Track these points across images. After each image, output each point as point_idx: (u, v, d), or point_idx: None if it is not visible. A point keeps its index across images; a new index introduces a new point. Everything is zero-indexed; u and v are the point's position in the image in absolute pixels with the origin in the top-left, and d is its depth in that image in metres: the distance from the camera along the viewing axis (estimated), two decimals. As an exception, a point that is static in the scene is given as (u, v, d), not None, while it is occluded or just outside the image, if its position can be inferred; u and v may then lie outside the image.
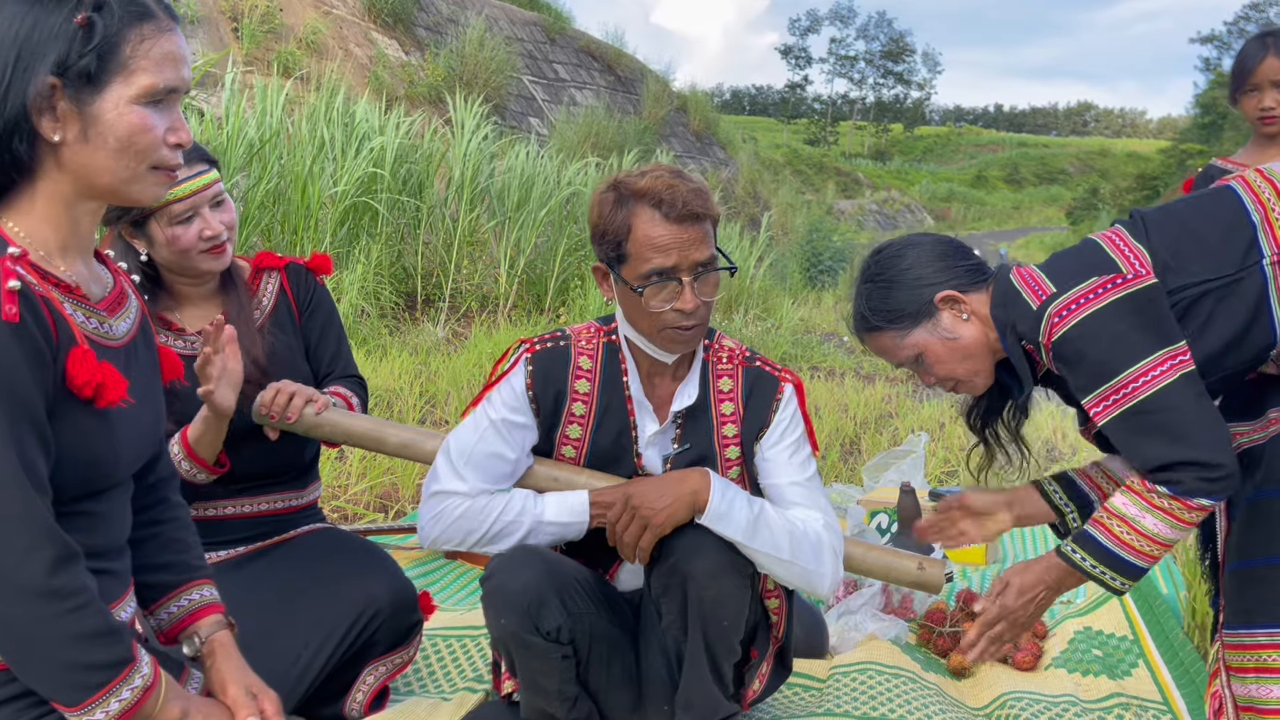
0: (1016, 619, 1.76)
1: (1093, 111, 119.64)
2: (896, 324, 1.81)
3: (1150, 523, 1.61)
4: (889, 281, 1.82)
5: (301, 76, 9.56)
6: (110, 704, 1.23)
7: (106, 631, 1.24)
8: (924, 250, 1.83)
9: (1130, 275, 1.64)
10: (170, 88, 1.26)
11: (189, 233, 1.94)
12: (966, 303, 1.78)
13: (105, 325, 1.35)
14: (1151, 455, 1.60)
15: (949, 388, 1.87)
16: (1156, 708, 2.29)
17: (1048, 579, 1.73)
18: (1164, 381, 1.57)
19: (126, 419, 1.34)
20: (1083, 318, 1.62)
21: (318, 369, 2.19)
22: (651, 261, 1.74)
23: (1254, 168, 1.74)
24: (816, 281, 14.49)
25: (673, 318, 1.76)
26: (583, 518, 1.84)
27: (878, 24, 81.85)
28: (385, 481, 3.99)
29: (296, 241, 6.43)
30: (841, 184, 42.05)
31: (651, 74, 18.79)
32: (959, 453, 5.14)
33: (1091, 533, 1.68)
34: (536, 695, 1.83)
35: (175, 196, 1.91)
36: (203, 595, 1.51)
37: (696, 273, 1.75)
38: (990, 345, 1.80)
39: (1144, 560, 1.64)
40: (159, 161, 1.28)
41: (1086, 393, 1.64)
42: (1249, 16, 50.23)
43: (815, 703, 2.25)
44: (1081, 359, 1.63)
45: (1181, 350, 1.60)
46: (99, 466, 1.31)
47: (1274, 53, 2.69)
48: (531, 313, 7.87)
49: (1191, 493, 1.57)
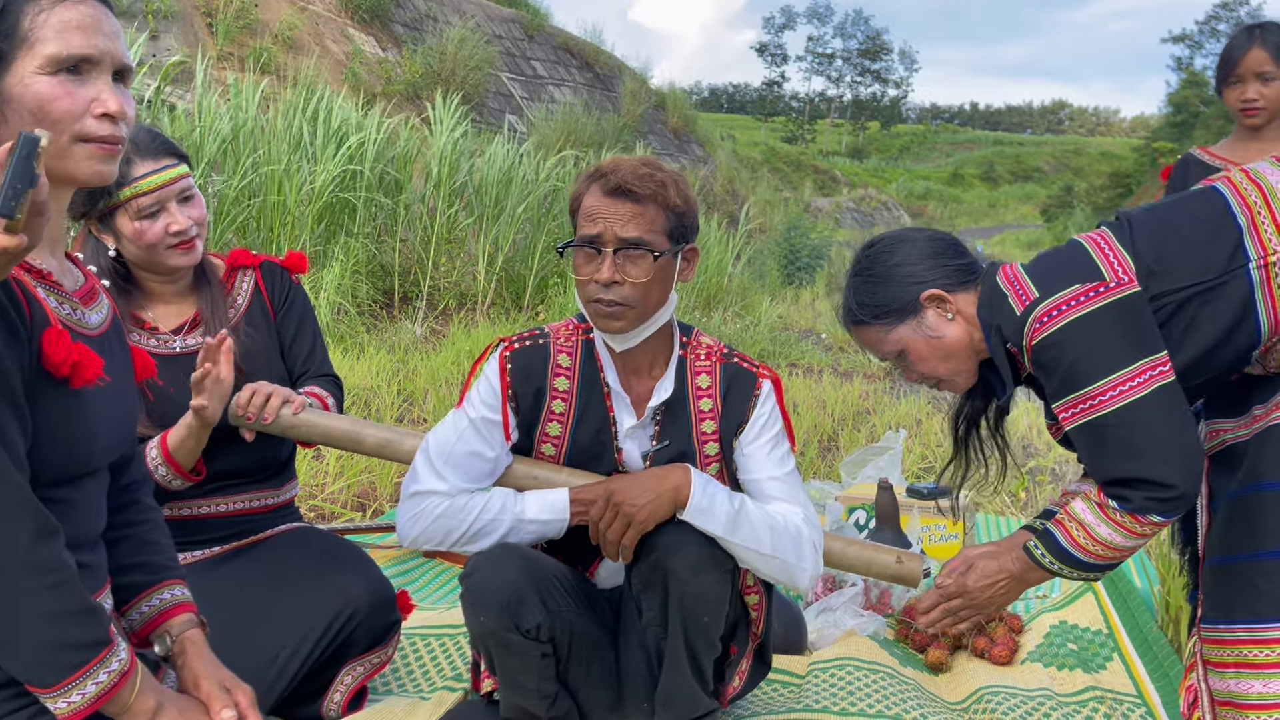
0: (974, 600, 1.78)
1: (1067, 110, 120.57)
2: (882, 319, 1.82)
3: (1105, 532, 1.66)
4: (877, 277, 1.83)
5: (277, 73, 9.49)
6: (87, 686, 1.22)
7: (86, 610, 1.23)
8: (915, 247, 1.84)
9: (1114, 283, 1.65)
10: (82, 56, 1.24)
11: (155, 227, 1.92)
12: (952, 302, 1.79)
13: (78, 313, 1.34)
14: (1107, 468, 1.63)
15: (931, 385, 1.88)
16: (1131, 701, 2.31)
17: (1011, 569, 1.76)
18: (1135, 395, 1.59)
19: (102, 405, 1.33)
20: (1063, 324, 1.63)
21: (293, 368, 2.17)
22: (582, 228, 1.81)
23: (1240, 169, 1.75)
24: (794, 279, 14.53)
25: (593, 289, 1.79)
26: (563, 515, 1.83)
27: (854, 22, 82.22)
28: (363, 480, 3.97)
29: (273, 239, 6.38)
30: (819, 182, 42.17)
31: (630, 71, 18.78)
32: (936, 449, 5.17)
33: (1053, 532, 1.72)
34: (516, 693, 1.82)
35: (140, 190, 1.89)
36: (174, 595, 1.50)
37: (618, 245, 1.77)
38: (974, 345, 1.81)
39: (1100, 561, 1.68)
40: (83, 133, 1.25)
41: (1058, 398, 1.66)
42: (1220, 16, 50.79)
43: (794, 699, 2.25)
44: (1058, 365, 1.64)
45: (1161, 361, 1.61)
46: (75, 450, 1.30)
47: (1259, 44, 2.71)
48: (510, 310, 7.84)
49: (1141, 510, 1.60)
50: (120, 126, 1.29)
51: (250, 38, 10.75)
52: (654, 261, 1.78)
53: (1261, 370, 1.75)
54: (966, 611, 1.80)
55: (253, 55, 10.25)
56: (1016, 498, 4.40)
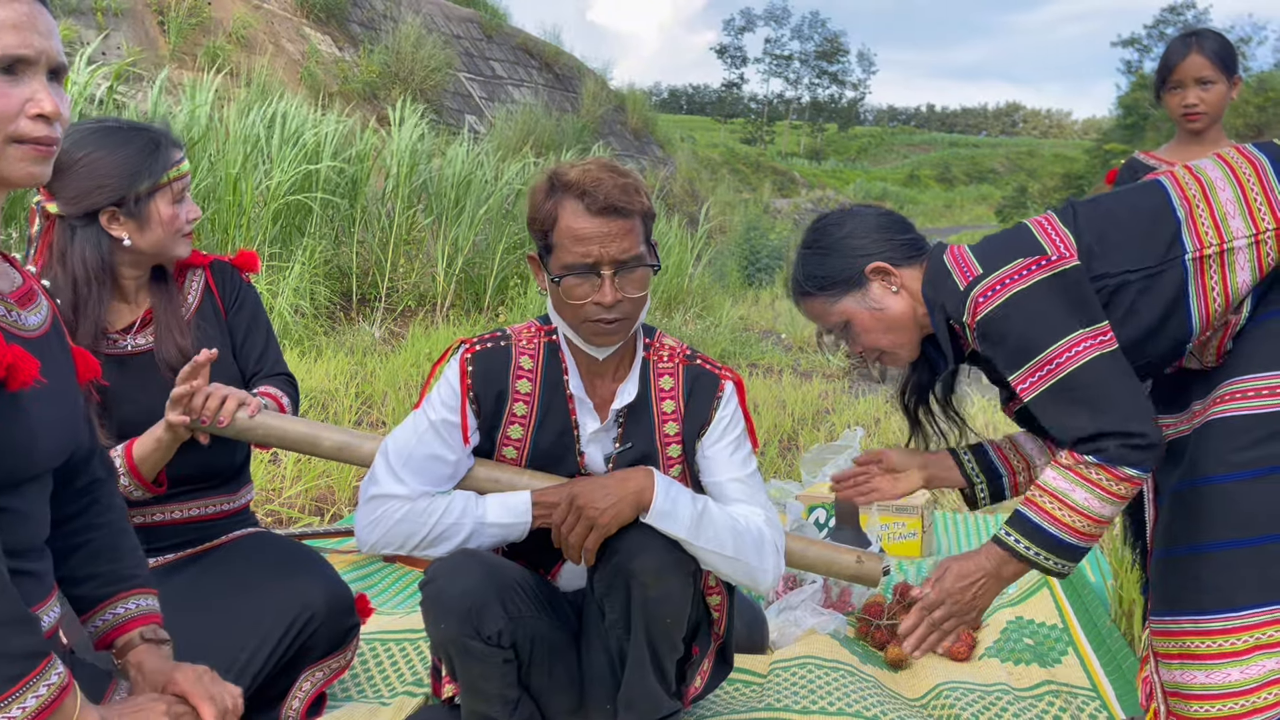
0: (957, 603, 1.76)
1: (1021, 112, 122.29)
2: (827, 290, 1.86)
3: (1081, 496, 1.64)
4: (825, 249, 1.87)
5: (231, 72, 9.35)
6: (27, 699, 1.16)
7: (23, 619, 1.19)
8: (862, 221, 1.88)
9: (1055, 256, 1.69)
10: (16, 56, 1.21)
11: (182, 212, 1.97)
12: (897, 276, 1.83)
13: (14, 314, 1.31)
14: (1075, 427, 1.64)
15: (874, 358, 1.91)
16: (1085, 694, 2.35)
17: (987, 565, 1.75)
18: (1087, 357, 1.62)
19: (42, 409, 1.30)
20: (1007, 298, 1.66)
21: (245, 367, 2.14)
22: (572, 253, 1.74)
23: (1183, 164, 1.79)
24: (754, 280, 14.61)
25: (593, 310, 1.76)
26: (525, 519, 1.83)
27: (811, 24, 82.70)
28: (321, 484, 3.92)
29: (228, 241, 6.29)
30: (778, 183, 42.38)
31: (589, 72, 18.77)
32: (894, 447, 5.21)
33: (1024, 512, 1.70)
34: (477, 699, 1.81)
35: (182, 172, 1.96)
36: (127, 609, 1.47)
37: (617, 267, 1.75)
38: (917, 319, 1.84)
39: (1076, 538, 1.66)
40: (17, 134, 1.22)
41: (1012, 370, 1.69)
42: (1167, 20, 51.83)
43: (756, 698, 2.26)
44: (1005, 338, 1.68)
45: (1103, 330, 1.65)
46: (13, 456, 1.26)
47: (1197, 51, 2.78)
48: (470, 312, 7.80)
49: (1116, 460, 1.61)
50: (55, 127, 1.25)
51: (203, 36, 10.59)
52: (650, 273, 1.79)
53: (1199, 365, 1.79)
54: (950, 621, 1.77)
55: (205, 54, 10.10)
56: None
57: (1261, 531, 1.65)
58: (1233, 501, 1.67)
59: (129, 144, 1.91)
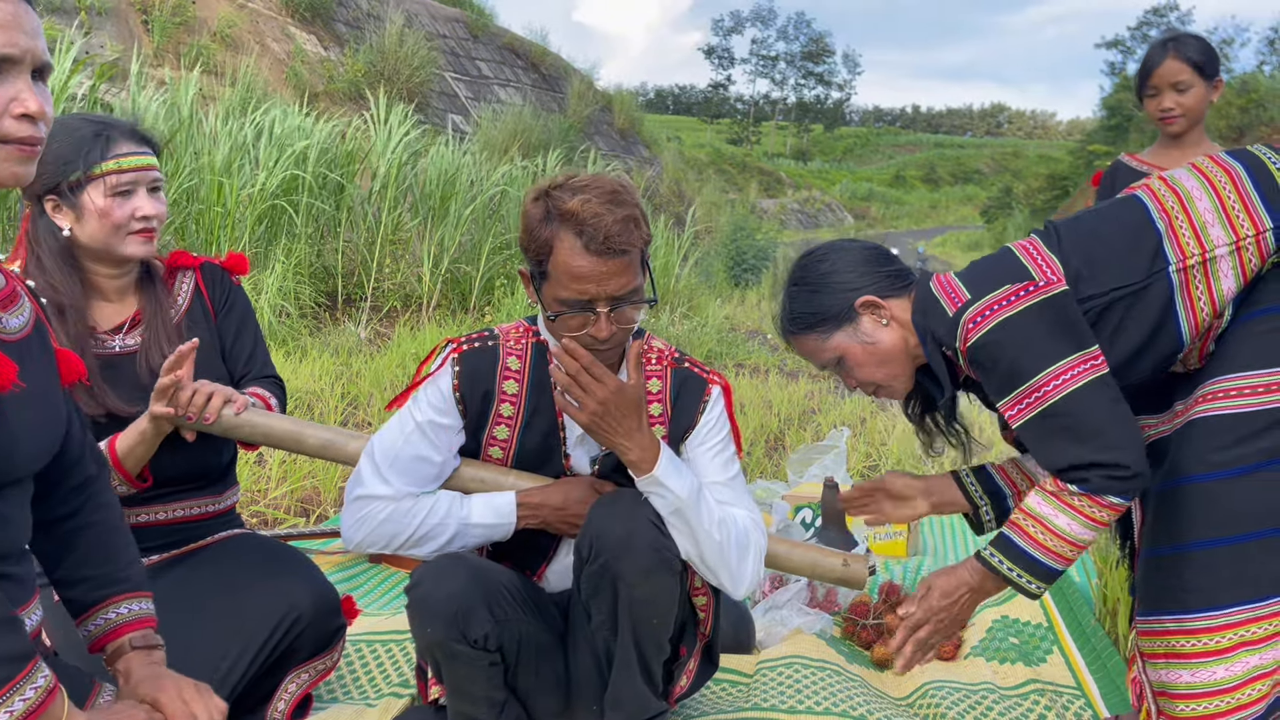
0: (941, 620, 1.79)
1: (1006, 113, 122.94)
2: (818, 328, 1.86)
3: (1063, 522, 1.67)
4: (813, 286, 1.87)
5: (215, 71, 9.31)
6: (14, 703, 1.16)
7: (7, 621, 1.18)
8: (847, 256, 1.88)
9: (1043, 282, 1.69)
10: (0, 55, 1.20)
11: (124, 208, 1.90)
12: (887, 308, 1.83)
13: None
14: (1060, 457, 1.65)
15: (870, 392, 1.92)
16: (1070, 693, 2.36)
17: (970, 581, 1.77)
18: (1076, 385, 1.63)
19: (22, 412, 1.29)
20: (995, 324, 1.67)
21: (234, 369, 2.14)
22: (569, 289, 1.69)
23: (1159, 176, 1.81)
24: (741, 280, 14.63)
25: (586, 340, 1.73)
26: (510, 519, 1.82)
27: (797, 25, 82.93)
28: (306, 485, 3.91)
29: (213, 241, 6.26)
30: (764, 183, 42.52)
31: (576, 72, 18.76)
32: (880, 447, 5.24)
33: (1008, 535, 1.73)
34: (463, 701, 1.81)
35: (122, 166, 1.88)
36: (119, 614, 1.46)
37: (614, 304, 1.71)
38: (910, 350, 1.85)
39: (1056, 561, 1.69)
40: (1, 133, 1.21)
41: (1001, 396, 1.70)
42: (1150, 22, 52.20)
43: (742, 697, 2.27)
44: (995, 364, 1.68)
45: (1094, 355, 1.65)
46: None
47: (1174, 55, 2.82)
48: (456, 312, 7.78)
49: (1099, 490, 1.63)
50: (40, 127, 1.24)
51: (187, 35, 10.54)
52: (646, 304, 1.76)
53: (1183, 369, 1.81)
54: (936, 637, 1.80)
55: (189, 53, 10.05)
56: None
57: (1243, 529, 1.67)
58: (1213, 500, 1.69)
59: (74, 133, 1.89)
